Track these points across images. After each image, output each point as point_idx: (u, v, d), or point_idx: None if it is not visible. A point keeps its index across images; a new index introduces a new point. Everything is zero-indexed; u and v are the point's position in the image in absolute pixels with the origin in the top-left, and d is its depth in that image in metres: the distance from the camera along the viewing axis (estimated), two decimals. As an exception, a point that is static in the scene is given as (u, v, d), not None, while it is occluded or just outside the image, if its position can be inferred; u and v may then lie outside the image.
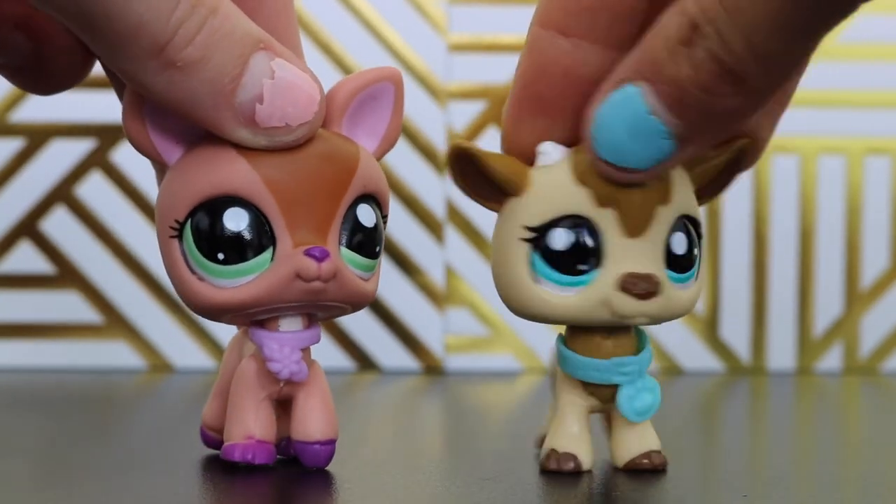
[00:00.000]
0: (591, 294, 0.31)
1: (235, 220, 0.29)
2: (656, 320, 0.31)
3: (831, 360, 0.60)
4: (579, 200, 0.30)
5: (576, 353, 0.32)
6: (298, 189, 0.30)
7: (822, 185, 0.59)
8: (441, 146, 0.58)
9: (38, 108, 0.57)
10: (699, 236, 0.32)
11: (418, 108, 0.58)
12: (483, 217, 0.58)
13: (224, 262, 0.30)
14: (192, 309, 0.31)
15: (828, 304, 0.60)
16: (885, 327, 0.60)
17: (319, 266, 0.29)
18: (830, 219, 0.60)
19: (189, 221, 0.30)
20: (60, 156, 0.57)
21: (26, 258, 0.58)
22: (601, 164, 0.29)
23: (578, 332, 0.32)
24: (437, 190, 0.58)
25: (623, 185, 0.30)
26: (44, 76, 0.31)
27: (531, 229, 0.31)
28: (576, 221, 0.30)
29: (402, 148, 0.57)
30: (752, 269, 0.60)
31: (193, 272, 0.30)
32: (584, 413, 0.32)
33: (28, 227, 0.58)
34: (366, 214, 0.31)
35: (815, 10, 0.25)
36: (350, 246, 0.30)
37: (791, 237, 0.60)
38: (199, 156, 0.30)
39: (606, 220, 0.30)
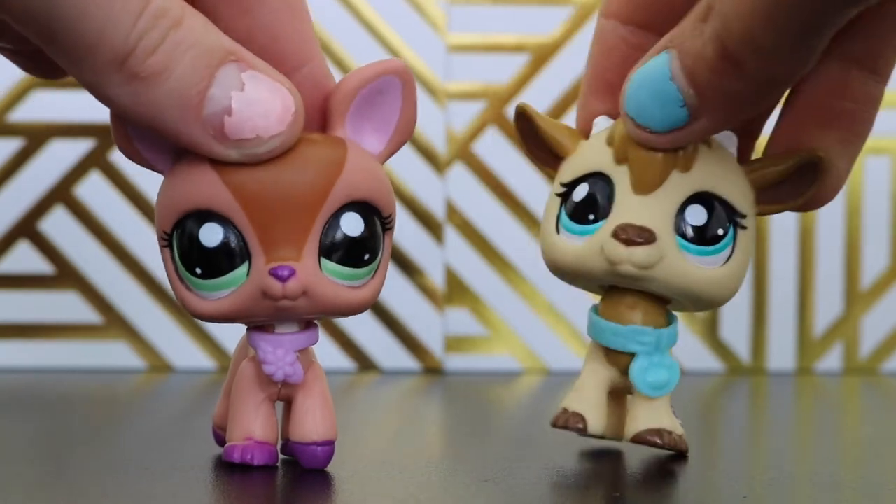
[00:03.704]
0: (593, 241, 0.32)
1: (210, 236, 0.29)
2: (658, 284, 0.31)
3: (831, 360, 0.60)
4: (603, 158, 0.32)
5: (600, 318, 0.33)
6: (271, 203, 0.29)
7: (821, 185, 0.59)
8: (440, 147, 0.58)
9: (37, 108, 0.57)
10: (737, 225, 0.32)
11: (418, 109, 0.58)
12: (483, 217, 0.58)
13: (202, 277, 0.30)
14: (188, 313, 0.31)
15: (828, 304, 0.60)
16: (885, 327, 0.60)
17: (284, 286, 0.29)
18: (830, 219, 0.60)
19: (175, 234, 0.30)
20: (59, 156, 0.57)
21: (25, 258, 0.58)
22: (627, 120, 0.31)
23: (608, 298, 0.33)
24: (437, 190, 0.58)
25: (642, 145, 0.31)
26: (52, 63, 0.31)
27: (564, 185, 0.32)
28: (596, 177, 0.32)
29: (401, 148, 0.57)
30: (752, 269, 0.60)
31: (182, 281, 0.30)
32: (604, 383, 0.33)
33: (27, 228, 0.58)
34: (351, 224, 0.30)
35: (810, 11, 0.26)
36: (332, 258, 0.30)
37: (791, 237, 0.60)
38: (181, 168, 0.30)
39: (621, 176, 0.31)
